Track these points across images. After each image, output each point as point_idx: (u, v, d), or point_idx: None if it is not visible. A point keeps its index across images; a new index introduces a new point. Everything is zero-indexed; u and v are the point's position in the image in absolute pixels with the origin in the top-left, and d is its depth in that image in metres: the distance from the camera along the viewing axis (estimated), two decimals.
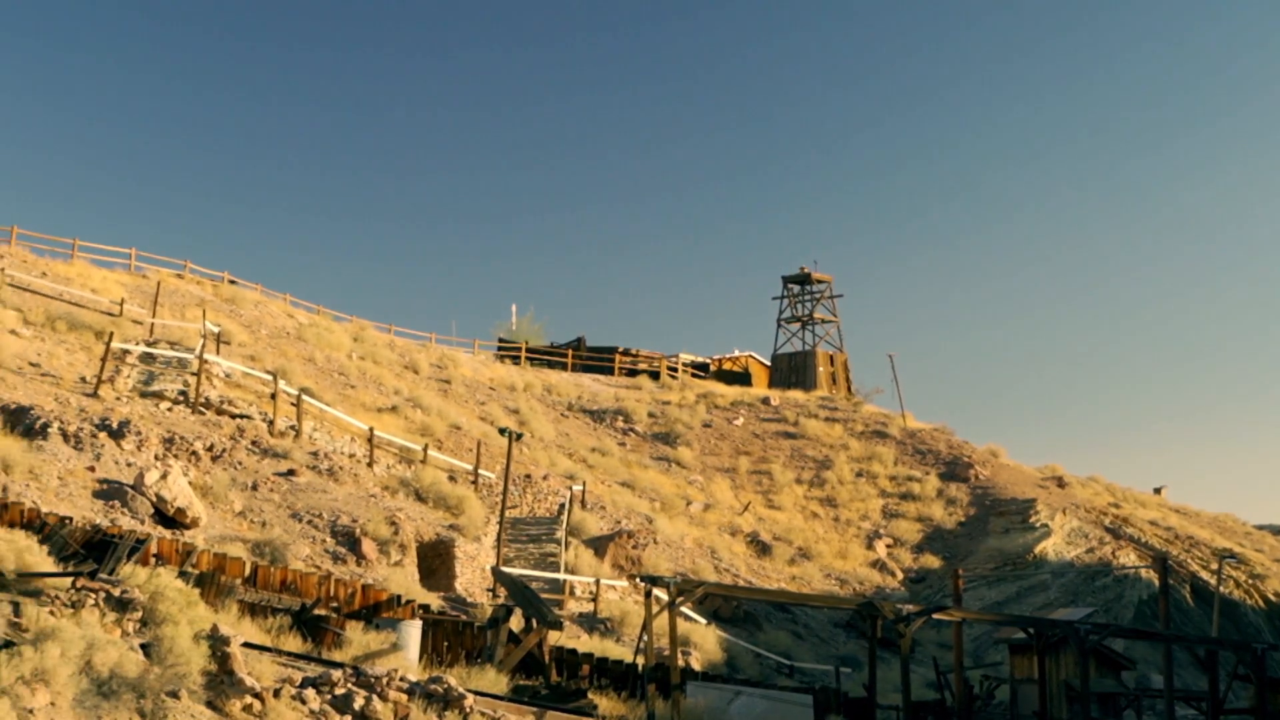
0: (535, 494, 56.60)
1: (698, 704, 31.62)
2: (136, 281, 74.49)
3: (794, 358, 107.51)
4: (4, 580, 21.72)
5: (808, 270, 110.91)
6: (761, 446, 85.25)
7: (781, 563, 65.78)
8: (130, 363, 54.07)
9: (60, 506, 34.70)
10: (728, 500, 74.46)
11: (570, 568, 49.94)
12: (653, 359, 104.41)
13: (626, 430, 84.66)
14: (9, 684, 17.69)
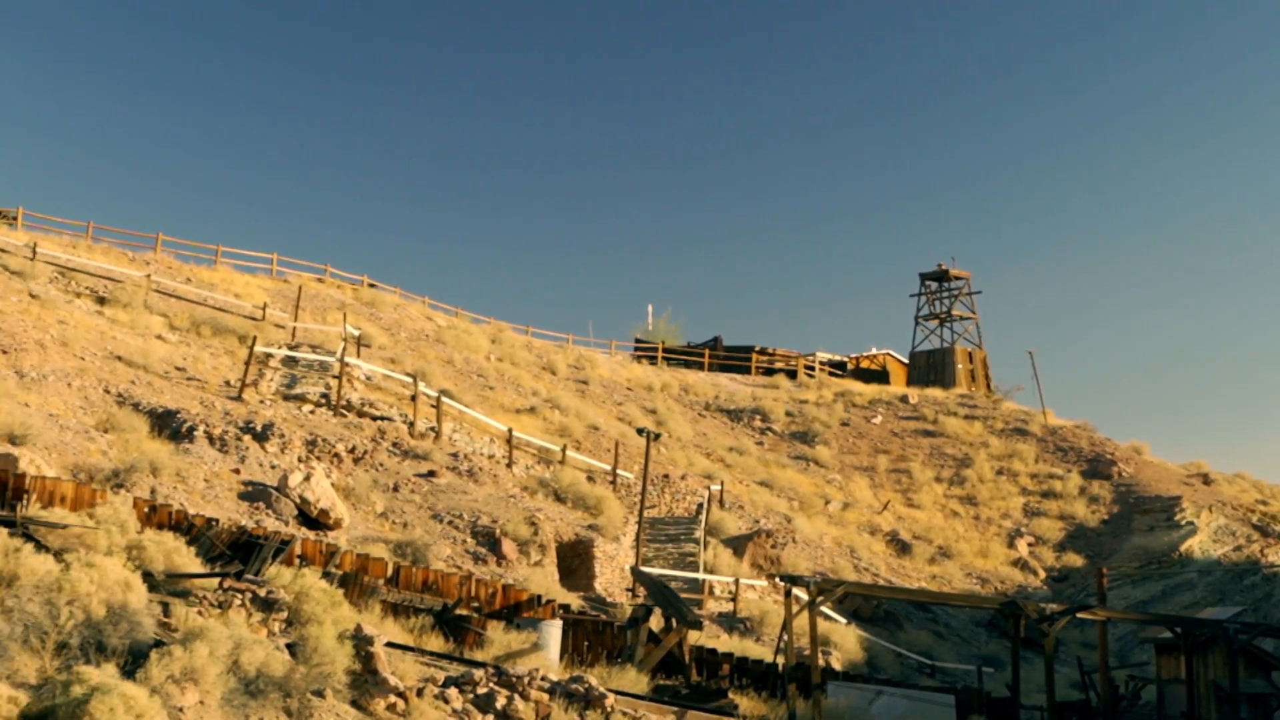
0: (673, 494, 56.60)
1: (839, 704, 31.43)
2: (278, 286, 75.57)
3: (932, 355, 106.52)
4: (154, 581, 22.10)
5: (945, 267, 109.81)
6: (900, 445, 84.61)
7: (921, 562, 65.23)
8: (273, 366, 54.82)
9: (207, 508, 35.26)
10: (866, 499, 73.99)
11: (709, 567, 49.87)
12: (790, 358, 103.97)
13: (764, 429, 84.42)
14: (159, 683, 17.97)
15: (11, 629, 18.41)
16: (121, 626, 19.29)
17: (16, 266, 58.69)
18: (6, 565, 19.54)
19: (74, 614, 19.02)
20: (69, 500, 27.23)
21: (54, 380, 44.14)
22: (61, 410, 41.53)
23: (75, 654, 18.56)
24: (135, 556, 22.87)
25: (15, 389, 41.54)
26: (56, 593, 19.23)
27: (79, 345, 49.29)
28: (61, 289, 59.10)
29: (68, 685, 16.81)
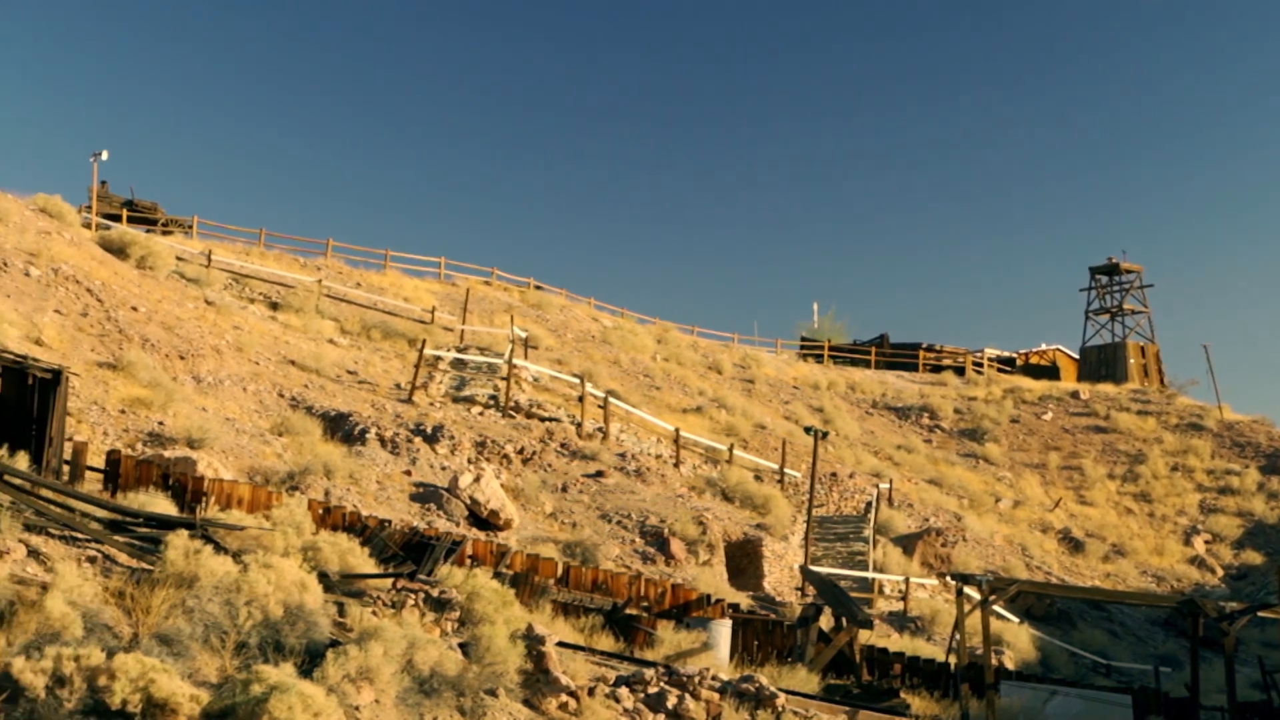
0: (841, 492, 56.31)
1: (1012, 704, 31.00)
2: (446, 289, 76.43)
3: (1103, 350, 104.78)
4: (329, 581, 22.41)
5: (1116, 261, 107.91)
6: (1071, 441, 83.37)
7: (1095, 560, 64.21)
8: (442, 369, 55.45)
9: (379, 509, 35.73)
10: (1038, 496, 73.00)
11: (879, 566, 49.54)
12: (957, 354, 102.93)
13: (932, 427, 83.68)
14: (336, 682, 18.23)
15: (193, 629, 18.78)
16: (298, 626, 19.60)
17: (193, 274, 59.98)
18: (187, 566, 19.93)
19: (252, 614, 19.35)
20: (246, 503, 27.73)
21: (230, 385, 45.02)
22: (237, 414, 42.35)
23: (254, 653, 18.88)
24: (311, 557, 23.21)
25: (193, 394, 42.45)
26: (235, 593, 19.58)
27: (253, 350, 50.24)
28: (236, 295, 60.30)
29: (247, 684, 17.11)
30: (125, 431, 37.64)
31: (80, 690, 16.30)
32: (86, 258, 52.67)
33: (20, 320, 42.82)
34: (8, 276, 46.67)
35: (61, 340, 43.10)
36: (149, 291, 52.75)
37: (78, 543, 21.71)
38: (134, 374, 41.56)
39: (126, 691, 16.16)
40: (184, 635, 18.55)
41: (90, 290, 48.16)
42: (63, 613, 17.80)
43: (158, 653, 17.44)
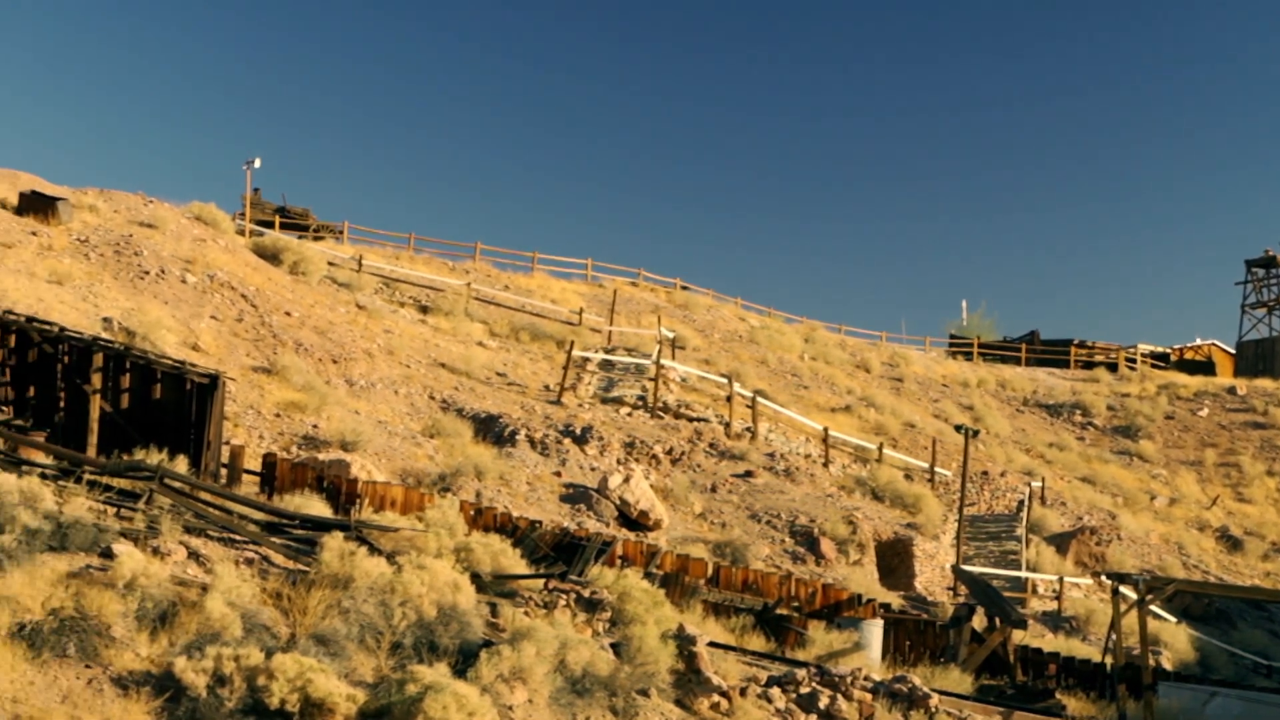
0: (993, 491, 55.74)
1: (1170, 705, 30.47)
2: (593, 291, 76.75)
3: (1261, 344, 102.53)
4: (481, 582, 22.59)
5: (1273, 253, 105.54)
6: (1229, 438, 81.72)
7: (1254, 558, 62.89)
8: (590, 370, 55.70)
9: (530, 510, 35.98)
10: (1194, 494, 71.66)
11: (1031, 565, 48.96)
12: (1109, 350, 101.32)
13: (1084, 424, 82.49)
14: (489, 681, 18.36)
15: (348, 629, 19.02)
16: (452, 627, 19.77)
17: (344, 279, 60.80)
18: (343, 568, 20.18)
19: (406, 614, 19.56)
20: (399, 504, 28.05)
21: (382, 388, 45.58)
22: (389, 417, 42.87)
23: (409, 653, 19.08)
24: (463, 558, 23.40)
25: (346, 397, 43.04)
26: (390, 594, 19.80)
27: (404, 353, 50.81)
28: (386, 299, 61.04)
29: (402, 684, 17.29)
30: (280, 435, 38.26)
31: (240, 690, 16.58)
32: (241, 264, 53.59)
33: (178, 326, 43.69)
34: (165, 283, 47.64)
35: (218, 345, 43.92)
36: (302, 296, 53.56)
37: (236, 544, 22.08)
38: (288, 378, 42.24)
39: (284, 691, 16.40)
40: (340, 635, 18.80)
41: (245, 296, 49.00)
42: (222, 613, 18.10)
43: (314, 653, 17.69)
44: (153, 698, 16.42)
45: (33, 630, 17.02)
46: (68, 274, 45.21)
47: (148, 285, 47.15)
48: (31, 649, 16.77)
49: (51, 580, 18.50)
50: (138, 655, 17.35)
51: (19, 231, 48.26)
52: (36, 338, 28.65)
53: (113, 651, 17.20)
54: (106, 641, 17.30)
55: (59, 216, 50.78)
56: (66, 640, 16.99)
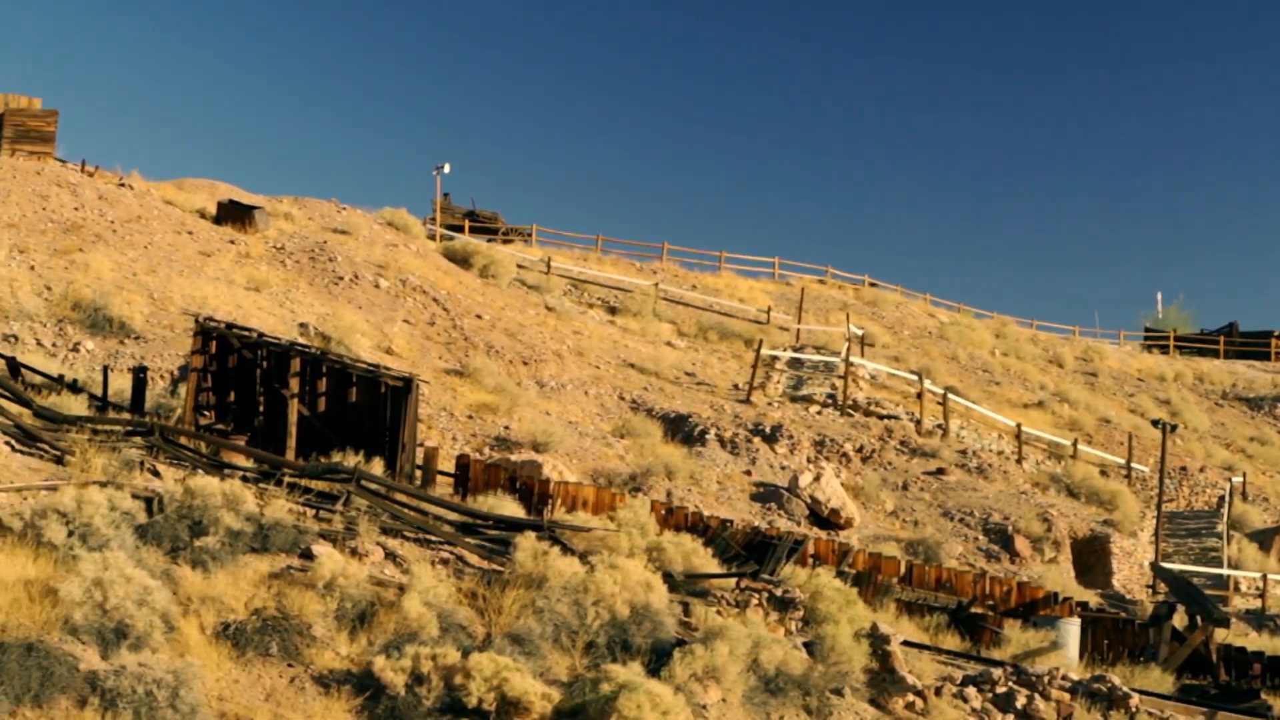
0: (1191, 487, 54.54)
1: None
2: (780, 289, 76.56)
3: None
4: (673, 581, 22.63)
5: None
6: None
7: None
8: (779, 368, 55.57)
9: (720, 509, 35.99)
10: None
11: (1233, 562, 47.81)
12: None
13: None
14: (683, 681, 18.40)
15: (543, 628, 19.17)
16: (645, 626, 19.84)
17: (533, 281, 61.39)
18: (536, 567, 20.35)
19: (599, 614, 19.67)
20: (590, 504, 28.22)
21: (571, 389, 45.93)
22: (580, 417, 43.18)
23: (602, 652, 19.19)
24: (655, 558, 23.46)
25: (536, 398, 43.44)
26: (583, 593, 19.93)
27: (593, 354, 51.15)
28: (575, 301, 61.50)
29: (597, 683, 17.38)
30: (473, 436, 38.74)
31: (437, 688, 16.79)
32: (432, 268, 54.37)
33: (372, 330, 44.45)
34: (359, 289, 48.50)
35: (411, 349, 44.60)
36: (492, 299, 54.17)
37: (431, 545, 22.38)
38: (480, 380, 42.75)
39: (481, 690, 16.59)
40: (534, 635, 18.96)
41: (436, 300, 49.71)
42: (419, 613, 18.36)
43: (510, 652, 17.85)
44: (353, 696, 16.71)
45: (237, 630, 17.41)
46: (265, 281, 46.25)
47: (342, 290, 48.04)
48: (236, 648, 17.15)
49: (254, 581, 18.91)
50: (338, 654, 17.67)
51: (218, 240, 49.48)
52: (236, 344, 29.30)
53: (314, 650, 17.52)
54: (307, 641, 17.63)
55: (256, 225, 51.96)
56: (269, 639, 17.35)
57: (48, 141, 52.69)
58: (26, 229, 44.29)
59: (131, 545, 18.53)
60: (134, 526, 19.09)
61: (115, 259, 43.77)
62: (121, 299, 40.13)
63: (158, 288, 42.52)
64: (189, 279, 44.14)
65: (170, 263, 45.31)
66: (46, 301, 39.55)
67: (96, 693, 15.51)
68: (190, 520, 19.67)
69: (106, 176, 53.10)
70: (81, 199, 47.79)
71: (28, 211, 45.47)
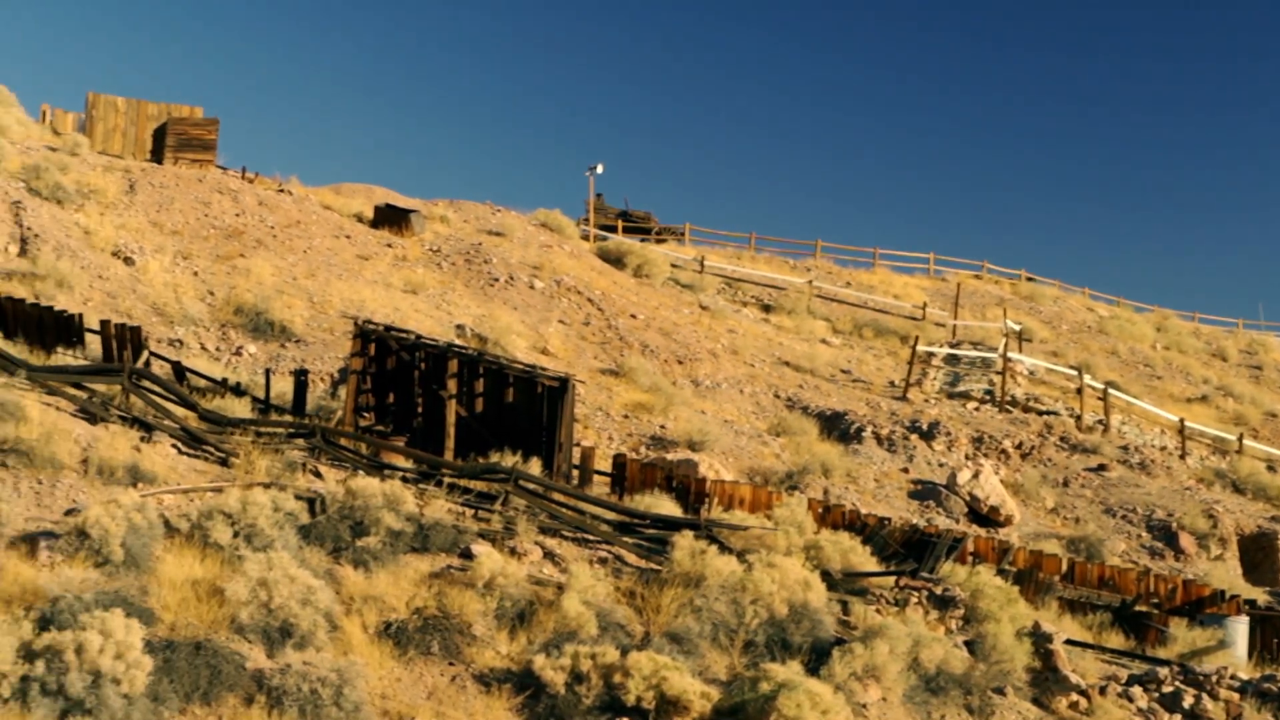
0: None
1: None
2: (936, 285, 75.94)
3: None
4: (831, 580, 22.54)
5: None
6: None
7: None
8: (935, 365, 55.12)
9: (877, 507, 35.77)
10: None
11: None
12: None
13: None
14: (843, 679, 18.31)
15: (700, 627, 19.18)
16: (803, 625, 19.79)
17: (687, 280, 61.47)
18: (694, 566, 20.37)
19: (758, 613, 19.64)
20: (747, 503, 28.17)
21: (726, 387, 45.91)
22: (735, 416, 43.16)
23: (761, 651, 19.16)
24: (813, 556, 23.39)
25: (692, 397, 43.48)
26: (740, 592, 19.91)
27: (748, 352, 51.08)
28: (729, 299, 61.50)
29: (756, 682, 17.36)
30: (629, 436, 38.87)
31: (597, 687, 16.87)
32: (586, 268, 54.65)
33: (527, 331, 44.79)
34: (514, 290, 48.89)
35: (566, 349, 44.86)
36: (646, 299, 54.32)
37: (589, 544, 22.48)
38: (635, 379, 42.89)
39: (640, 689, 16.63)
40: (692, 634, 18.98)
41: (591, 300, 49.95)
42: (578, 612, 18.45)
43: (668, 651, 17.89)
44: (513, 695, 16.83)
45: (398, 629, 17.63)
46: (421, 283, 46.79)
47: (497, 292, 48.47)
48: (398, 647, 17.36)
49: (414, 580, 19.13)
50: (498, 653, 17.81)
51: (375, 244, 50.15)
52: (394, 346, 29.66)
53: (474, 649, 17.68)
54: (468, 640, 17.80)
55: (412, 228, 52.59)
56: (430, 638, 17.54)
57: (209, 150, 53.75)
58: (190, 235, 45.23)
59: (295, 545, 18.84)
60: (297, 527, 19.41)
61: (275, 263, 44.55)
62: (282, 303, 40.84)
63: (317, 291, 43.21)
64: (347, 282, 44.80)
65: (329, 266, 46.01)
66: (210, 306, 40.35)
67: (263, 691, 15.78)
68: (352, 521, 19.95)
69: (266, 183, 54.08)
70: (242, 205, 48.70)
71: (191, 218, 46.43)
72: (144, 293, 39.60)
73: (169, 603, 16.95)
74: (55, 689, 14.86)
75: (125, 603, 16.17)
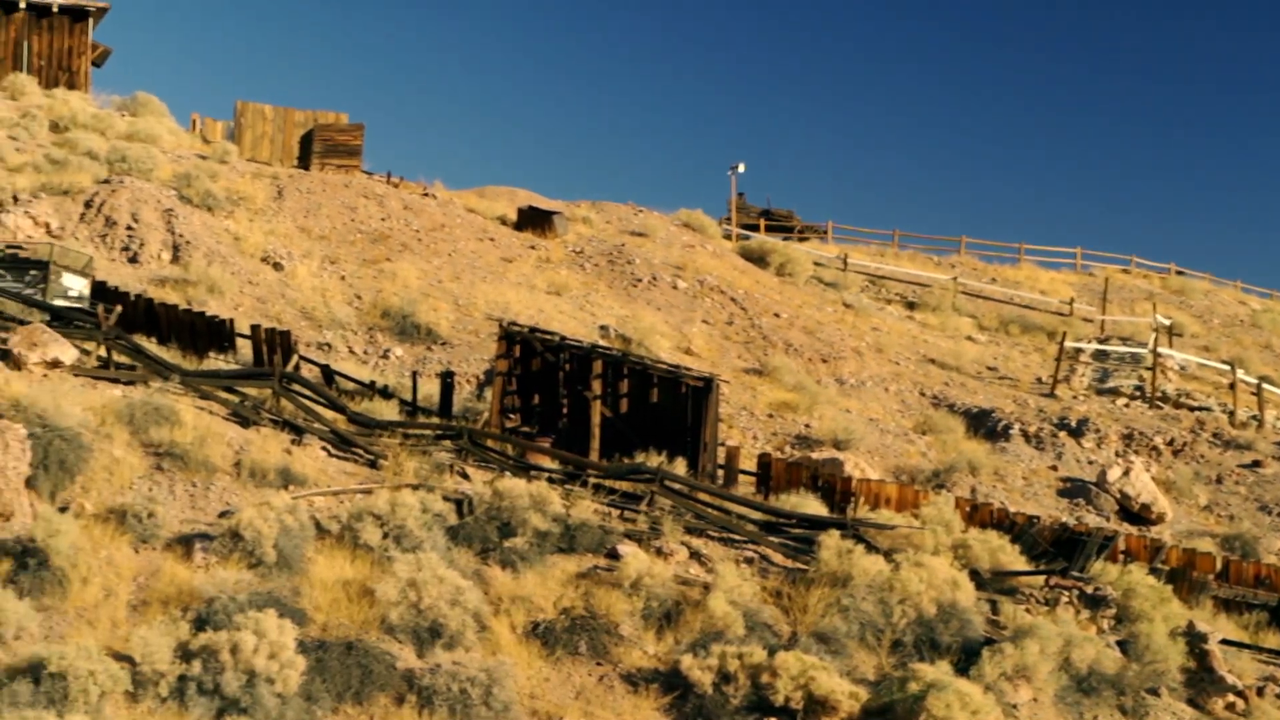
0: None
1: None
2: (1083, 280, 74.90)
3: None
4: (980, 579, 22.36)
5: None
6: None
7: None
8: (1083, 361, 54.38)
9: (1026, 506, 35.39)
10: None
11: None
12: None
13: None
14: (992, 680, 18.17)
15: (848, 627, 19.12)
16: (952, 624, 19.65)
17: (830, 278, 61.21)
18: (840, 566, 20.31)
19: (905, 612, 19.54)
20: (893, 502, 27.98)
21: (871, 385, 45.67)
22: (880, 414, 42.91)
23: (909, 651, 19.07)
24: (960, 555, 23.22)
25: (836, 396, 43.30)
26: (888, 592, 19.82)
27: (892, 350, 50.77)
28: (873, 297, 61.11)
29: (904, 682, 17.28)
30: (774, 435, 38.81)
31: (744, 687, 16.88)
32: (728, 268, 54.63)
33: (671, 331, 44.86)
34: (657, 290, 49.00)
35: (709, 348, 44.88)
36: (789, 298, 54.19)
37: (735, 544, 22.48)
38: (779, 378, 42.80)
39: (788, 689, 16.61)
40: (840, 633, 18.93)
41: (734, 299, 49.92)
42: (724, 612, 18.48)
43: (816, 650, 17.86)
44: (661, 694, 16.89)
45: (546, 629, 17.76)
46: (564, 284, 47.05)
47: (640, 292, 48.60)
48: (545, 647, 17.49)
49: (562, 580, 19.26)
50: (645, 653, 17.88)
51: (518, 246, 50.52)
52: (539, 347, 29.86)
53: (621, 649, 17.77)
54: (615, 639, 17.89)
55: (554, 230, 52.90)
56: (578, 638, 17.66)
57: (355, 155, 54.43)
58: (337, 240, 45.87)
59: (443, 546, 19.06)
60: (445, 528, 19.64)
61: (421, 267, 45.04)
62: (428, 306, 41.27)
63: (462, 294, 43.63)
64: (491, 285, 45.17)
65: (473, 269, 46.43)
66: (357, 310, 40.90)
67: (413, 690, 15.98)
68: (499, 521, 20.14)
69: (411, 187, 54.68)
70: (388, 210, 49.28)
71: (337, 223, 47.08)
72: (293, 297, 40.24)
73: (320, 603, 17.22)
74: (211, 688, 15.16)
75: (278, 603, 16.46)
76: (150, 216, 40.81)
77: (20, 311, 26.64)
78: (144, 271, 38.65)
